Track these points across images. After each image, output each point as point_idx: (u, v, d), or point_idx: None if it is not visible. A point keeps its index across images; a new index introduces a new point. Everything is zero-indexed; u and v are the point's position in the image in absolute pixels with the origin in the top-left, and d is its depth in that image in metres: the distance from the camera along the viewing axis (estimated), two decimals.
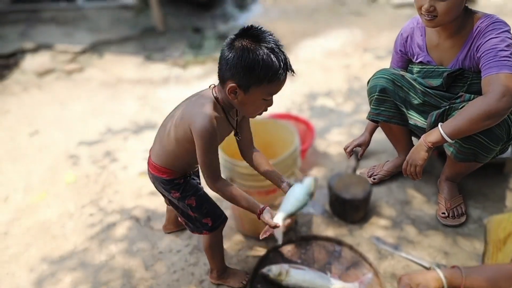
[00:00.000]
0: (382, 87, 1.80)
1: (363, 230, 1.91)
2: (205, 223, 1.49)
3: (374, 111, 1.86)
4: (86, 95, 3.43)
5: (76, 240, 1.97)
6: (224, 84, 1.19)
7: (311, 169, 2.32)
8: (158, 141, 1.42)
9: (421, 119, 1.80)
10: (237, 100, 1.21)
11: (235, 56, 1.13)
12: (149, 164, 1.48)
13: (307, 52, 4.01)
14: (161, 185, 1.45)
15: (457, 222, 1.87)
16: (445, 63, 1.77)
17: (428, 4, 1.53)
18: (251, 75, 1.14)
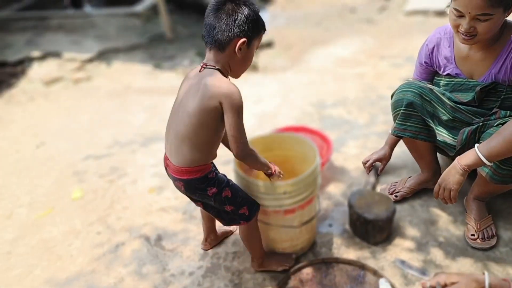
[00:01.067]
0: (409, 101, 1.69)
1: (386, 252, 1.80)
2: (241, 214, 1.47)
3: (399, 126, 1.75)
4: (93, 105, 3.36)
5: (82, 261, 1.87)
6: (229, 44, 1.26)
7: (329, 185, 2.21)
8: (179, 142, 1.33)
9: (451, 136, 1.70)
10: (239, 57, 1.30)
11: (243, 14, 1.24)
12: (175, 172, 1.39)
13: (318, 60, 3.92)
14: (196, 186, 1.39)
15: (488, 245, 1.76)
16: (476, 76, 1.67)
17: (468, 26, 1.44)
18: (256, 28, 1.29)
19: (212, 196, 1.41)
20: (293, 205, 1.58)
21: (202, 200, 1.47)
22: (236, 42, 1.26)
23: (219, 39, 1.25)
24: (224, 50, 1.28)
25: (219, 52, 1.29)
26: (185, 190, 1.42)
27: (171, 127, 1.40)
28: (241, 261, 1.81)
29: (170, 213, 2.12)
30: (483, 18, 1.40)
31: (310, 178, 1.58)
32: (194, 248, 1.89)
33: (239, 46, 1.26)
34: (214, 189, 1.40)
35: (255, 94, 3.31)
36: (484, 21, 1.42)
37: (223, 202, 1.44)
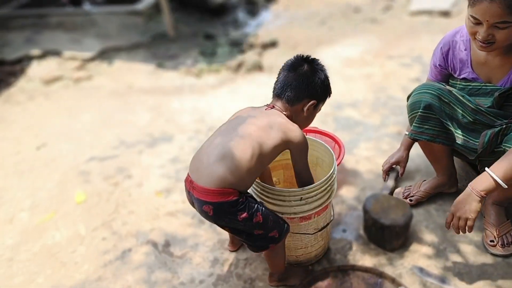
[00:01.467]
0: (427, 103, 1.63)
1: (403, 259, 1.74)
2: (271, 237, 1.39)
3: (417, 129, 1.70)
4: (95, 105, 3.27)
5: (88, 268, 1.79)
6: (301, 102, 1.39)
7: (341, 188, 2.15)
8: (220, 162, 1.27)
9: (471, 139, 1.63)
10: (305, 115, 1.42)
11: (319, 78, 1.38)
12: (204, 194, 1.28)
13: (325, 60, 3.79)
14: (228, 210, 1.28)
15: (508, 252, 1.71)
16: (494, 80, 1.60)
17: (486, 33, 1.37)
18: (325, 93, 1.43)
19: (242, 221, 1.31)
20: (309, 212, 1.52)
21: (230, 226, 1.36)
22: (306, 102, 1.39)
23: (291, 96, 1.37)
24: (292, 106, 1.39)
25: (288, 105, 1.40)
26: (214, 214, 1.30)
27: (213, 148, 1.32)
28: (253, 268, 1.75)
29: (178, 217, 2.05)
30: (502, 26, 1.34)
31: (327, 184, 1.52)
32: (204, 254, 1.83)
33: (308, 106, 1.39)
34: (245, 213, 1.30)
35: (262, 95, 3.23)
36: (503, 29, 1.35)
37: (254, 227, 1.35)
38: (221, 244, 1.87)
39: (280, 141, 1.33)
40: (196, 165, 1.35)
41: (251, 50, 4.18)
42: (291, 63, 1.41)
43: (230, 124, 1.39)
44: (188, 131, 2.79)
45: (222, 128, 1.40)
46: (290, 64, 1.41)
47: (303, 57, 1.42)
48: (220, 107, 3.11)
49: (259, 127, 1.32)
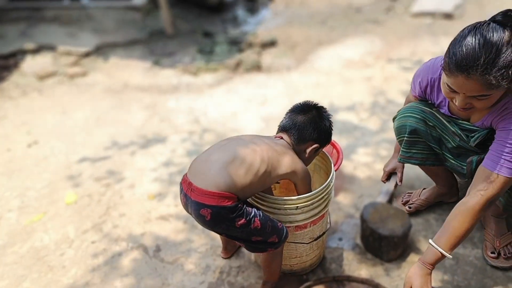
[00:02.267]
0: (412, 128, 1.60)
1: (401, 270, 1.69)
2: (270, 242, 1.38)
3: (405, 154, 1.68)
4: (89, 102, 3.21)
5: (76, 273, 1.74)
6: (305, 143, 1.45)
7: (338, 195, 2.10)
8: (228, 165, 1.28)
9: (459, 163, 1.58)
10: (306, 156, 1.47)
11: (325, 125, 1.47)
12: (203, 197, 1.25)
13: (324, 61, 3.80)
14: (225, 216, 1.25)
15: (509, 264, 1.66)
16: (472, 119, 1.51)
17: (463, 102, 1.27)
18: (328, 139, 1.51)
19: (239, 227, 1.29)
20: (305, 221, 1.47)
21: (227, 232, 1.34)
22: (310, 144, 1.45)
23: (298, 136, 1.44)
24: (298, 144, 1.46)
25: (294, 143, 1.46)
26: (211, 219, 1.26)
27: (221, 153, 1.33)
28: (245, 276, 1.70)
29: (170, 221, 1.99)
30: (480, 98, 1.23)
31: (324, 192, 1.47)
32: (196, 260, 1.77)
33: (311, 149, 1.46)
34: (243, 220, 1.28)
35: (261, 95, 3.18)
36: (481, 100, 1.24)
37: (252, 233, 1.33)
38: (214, 250, 1.82)
39: (289, 169, 1.38)
40: (198, 167, 1.32)
41: (250, 49, 4.12)
42: (301, 106, 1.49)
43: (245, 137, 1.43)
44: (182, 132, 2.74)
45: (234, 138, 1.44)
46: (300, 107, 1.48)
47: (313, 103, 1.49)
48: (216, 107, 3.05)
49: (272, 148, 1.37)
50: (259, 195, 1.44)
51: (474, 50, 1.13)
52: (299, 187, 1.45)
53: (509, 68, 1.12)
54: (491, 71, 1.12)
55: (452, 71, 1.19)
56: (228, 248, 1.77)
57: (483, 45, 1.12)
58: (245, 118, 2.89)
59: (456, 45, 1.18)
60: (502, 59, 1.11)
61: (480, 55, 1.12)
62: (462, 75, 1.17)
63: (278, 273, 1.56)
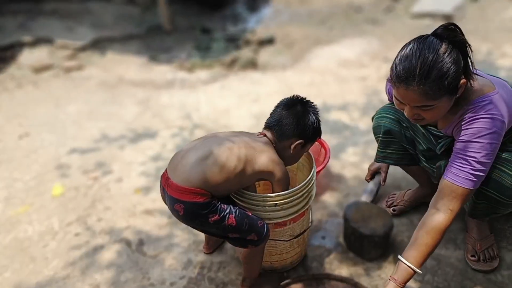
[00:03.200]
0: (386, 129, 1.62)
1: (381, 270, 1.69)
2: (250, 240, 1.37)
3: (380, 153, 1.71)
4: (83, 96, 3.22)
5: (57, 265, 1.75)
6: (289, 139, 1.40)
7: (324, 194, 2.10)
8: (204, 161, 1.28)
9: (430, 166, 1.60)
10: (291, 153, 1.43)
11: (309, 120, 1.40)
12: (177, 192, 1.27)
13: (321, 60, 3.79)
14: (198, 212, 1.27)
15: (489, 267, 1.65)
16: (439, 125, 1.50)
17: (411, 113, 1.29)
18: (315, 135, 1.45)
19: (213, 223, 1.29)
20: (285, 218, 1.46)
21: (202, 228, 1.35)
22: (294, 140, 1.40)
23: (281, 132, 1.40)
24: (281, 141, 1.41)
25: (277, 139, 1.42)
26: (184, 215, 1.29)
27: (198, 148, 1.33)
28: (226, 272, 1.70)
29: (155, 216, 2.00)
30: (424, 108, 1.25)
31: (304, 190, 1.46)
32: (178, 255, 1.78)
33: (295, 145, 1.40)
34: (216, 216, 1.29)
35: (253, 93, 3.18)
36: (426, 111, 1.26)
37: (227, 230, 1.33)
38: (197, 245, 1.82)
39: (265, 169, 1.35)
40: (176, 162, 1.34)
41: (247, 46, 4.12)
42: (286, 101, 1.45)
43: (223, 134, 1.41)
44: (173, 128, 2.74)
45: (213, 135, 1.42)
46: (285, 103, 1.44)
47: (298, 98, 1.45)
48: (208, 104, 3.06)
49: (250, 146, 1.35)
50: (237, 192, 1.44)
51: (411, 63, 1.18)
52: (274, 188, 1.42)
53: (444, 78, 1.17)
54: (425, 81, 1.17)
55: (395, 83, 1.24)
56: (210, 243, 1.77)
57: (418, 57, 1.17)
58: (237, 115, 2.89)
59: (397, 58, 1.24)
60: (436, 70, 1.16)
61: (415, 66, 1.17)
62: (402, 86, 1.21)
63: (257, 270, 1.55)
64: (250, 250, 1.43)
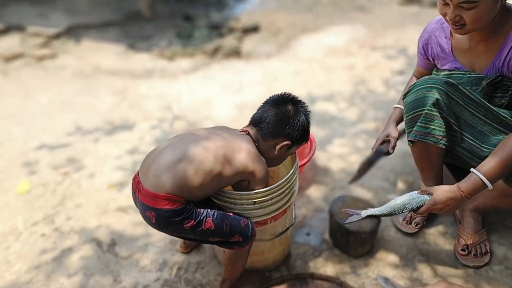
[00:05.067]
0: (435, 100, 1.41)
1: (368, 267, 1.60)
2: (234, 242, 1.28)
3: (422, 130, 1.46)
4: (56, 86, 3.04)
5: (20, 268, 1.61)
6: (275, 139, 1.30)
7: (309, 188, 1.99)
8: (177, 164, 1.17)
9: (478, 143, 1.44)
10: (276, 154, 1.33)
11: (299, 122, 1.30)
12: (148, 199, 1.16)
13: (307, 48, 3.67)
14: (171, 219, 1.16)
15: (480, 263, 1.58)
16: (478, 69, 1.45)
17: (453, 14, 1.26)
18: (302, 138, 1.34)
19: (190, 229, 1.19)
20: (265, 217, 1.36)
21: (179, 234, 1.25)
22: (280, 141, 1.30)
23: (266, 130, 1.30)
24: (266, 140, 1.31)
25: (260, 138, 1.32)
26: (156, 222, 1.19)
27: (171, 149, 1.22)
28: (204, 273, 1.59)
29: (129, 213, 1.87)
30: (466, 6, 1.23)
31: (286, 186, 1.35)
32: (153, 256, 1.66)
33: (281, 146, 1.30)
34: (191, 221, 1.19)
35: (236, 82, 3.05)
36: (468, 9, 1.24)
37: (206, 235, 1.23)
38: (174, 244, 1.71)
39: (245, 169, 1.25)
40: (148, 165, 1.22)
41: (230, 34, 3.96)
42: (276, 98, 1.33)
43: (200, 132, 1.30)
44: (152, 119, 2.60)
45: (188, 133, 1.31)
46: (275, 100, 1.33)
47: (290, 96, 1.34)
48: (190, 94, 2.92)
49: (229, 145, 1.25)
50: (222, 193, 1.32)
51: None
52: (251, 185, 1.31)
53: None
54: None
55: None
56: (187, 242, 1.66)
57: None
58: (219, 106, 2.76)
59: None
60: None
61: None
62: None
63: (239, 272, 1.46)
64: (235, 251, 1.33)
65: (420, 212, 1.37)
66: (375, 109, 2.60)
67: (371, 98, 2.74)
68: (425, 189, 1.37)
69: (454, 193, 1.30)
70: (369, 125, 2.45)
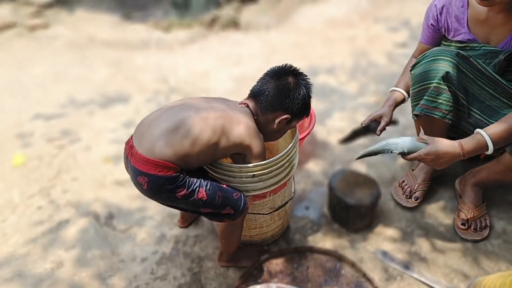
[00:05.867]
0: (445, 73, 1.36)
1: (367, 241, 1.60)
2: (226, 214, 1.26)
3: (429, 103, 1.42)
4: (49, 57, 2.96)
5: (17, 241, 1.60)
6: (274, 112, 1.26)
7: (308, 162, 1.97)
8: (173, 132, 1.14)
9: (486, 118, 1.40)
10: (275, 128, 1.29)
11: (300, 95, 1.25)
12: (141, 164, 1.12)
13: (307, 20, 3.56)
14: (164, 186, 1.13)
15: (480, 237, 1.59)
16: (493, 42, 1.39)
17: None
18: (303, 112, 1.30)
19: (181, 198, 1.17)
20: (264, 190, 1.34)
21: (170, 203, 1.22)
22: (279, 114, 1.27)
23: (266, 103, 1.26)
24: (265, 113, 1.27)
25: (260, 112, 1.28)
26: (148, 189, 1.15)
27: (169, 116, 1.18)
28: (203, 246, 1.59)
29: (126, 187, 1.85)
30: None
31: (285, 159, 1.32)
32: (150, 229, 1.65)
33: (280, 119, 1.27)
34: (184, 190, 1.16)
35: (234, 54, 2.97)
36: None
37: (198, 205, 1.20)
38: (171, 219, 1.70)
39: (242, 142, 1.22)
40: (143, 130, 1.18)
41: (228, 4, 3.83)
42: (276, 70, 1.29)
43: (199, 101, 1.26)
44: (148, 92, 2.54)
45: (187, 101, 1.27)
46: (275, 71, 1.29)
47: (291, 68, 1.29)
48: (186, 66, 2.84)
49: (227, 116, 1.21)
50: (213, 163, 1.29)
51: None
52: (247, 159, 1.28)
53: None
54: None
55: None
56: (185, 217, 1.65)
57: None
58: (216, 78, 2.69)
59: None
60: None
61: None
62: None
63: (235, 245, 1.45)
64: (227, 224, 1.32)
65: (410, 157, 1.34)
66: (376, 82, 2.55)
67: (372, 71, 2.67)
68: (424, 137, 1.34)
69: (452, 148, 1.27)
70: (369, 98, 2.40)
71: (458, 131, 1.55)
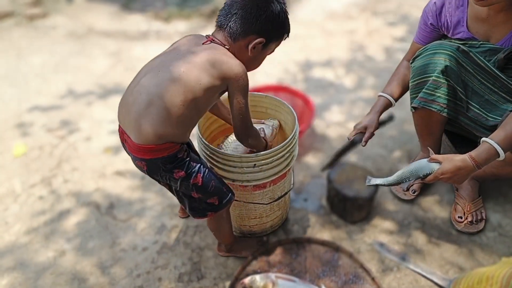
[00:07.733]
0: (444, 67, 1.37)
1: (364, 233, 1.63)
2: (210, 203, 1.24)
3: (427, 96, 1.43)
4: (48, 47, 2.94)
5: (18, 230, 1.62)
6: (245, 37, 1.11)
7: (307, 154, 1.99)
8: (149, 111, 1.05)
9: (485, 112, 1.41)
10: (250, 56, 1.15)
11: (272, 11, 1.10)
12: (136, 151, 1.11)
13: (306, 12, 3.55)
14: (162, 166, 1.11)
15: (475, 229, 1.61)
16: (494, 39, 1.40)
17: None
18: (280, 31, 1.15)
19: (178, 179, 1.15)
20: (264, 180, 1.35)
21: (167, 182, 1.21)
22: (252, 39, 1.12)
23: (234, 28, 1.11)
24: (236, 41, 1.13)
25: (230, 40, 1.13)
26: (148, 171, 1.15)
27: (139, 92, 1.08)
28: (203, 236, 1.61)
29: (126, 177, 1.86)
30: None
31: (286, 149, 1.34)
32: (151, 220, 1.67)
33: (254, 44, 1.12)
34: (181, 172, 1.14)
35: None
36: None
37: (190, 189, 1.19)
38: (172, 209, 1.72)
39: (216, 79, 1.09)
40: (124, 114, 1.13)
41: None
42: None
43: (163, 59, 1.14)
44: None
45: (154, 63, 1.15)
46: None
47: None
48: None
49: (195, 66, 1.08)
50: (213, 152, 1.31)
51: None
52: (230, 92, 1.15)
53: None
54: None
55: None
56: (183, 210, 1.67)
57: None
58: None
59: None
60: None
61: None
62: None
63: (228, 236, 1.46)
64: (213, 218, 1.31)
65: (428, 180, 1.34)
66: (374, 76, 2.56)
67: (370, 65, 2.68)
68: (435, 157, 1.33)
69: (464, 162, 1.25)
70: (367, 92, 2.42)
71: (455, 124, 1.57)
